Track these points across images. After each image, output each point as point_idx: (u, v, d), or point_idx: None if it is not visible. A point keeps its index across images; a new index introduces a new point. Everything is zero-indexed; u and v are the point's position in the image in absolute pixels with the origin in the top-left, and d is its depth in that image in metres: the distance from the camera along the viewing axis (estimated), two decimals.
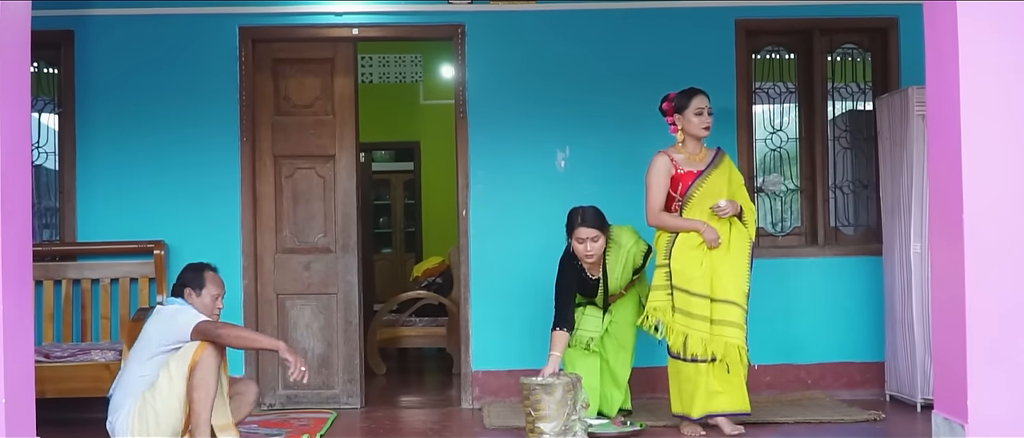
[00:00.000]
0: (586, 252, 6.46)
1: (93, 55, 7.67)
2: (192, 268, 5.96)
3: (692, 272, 6.30)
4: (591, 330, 6.70)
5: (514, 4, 7.77)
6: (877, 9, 7.86)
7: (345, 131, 7.79)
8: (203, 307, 5.81)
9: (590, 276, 6.62)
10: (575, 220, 6.51)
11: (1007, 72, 4.91)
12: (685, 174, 6.41)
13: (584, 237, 6.44)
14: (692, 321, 6.29)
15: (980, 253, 4.85)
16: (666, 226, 6.43)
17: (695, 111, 6.43)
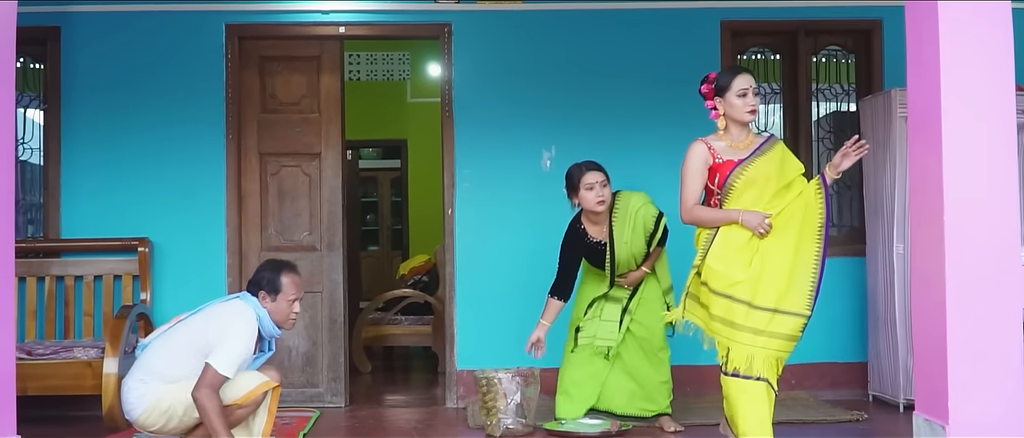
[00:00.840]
0: (598, 198, 6.33)
1: (79, 51, 7.66)
2: (271, 267, 5.61)
3: (737, 274, 5.28)
4: (607, 338, 6.52)
5: (501, 4, 7.78)
6: (861, 11, 7.90)
7: (331, 129, 7.80)
8: (278, 312, 5.51)
9: (595, 241, 6.48)
10: (578, 170, 6.40)
11: (988, 74, 4.94)
12: (725, 163, 5.46)
13: (593, 182, 6.33)
14: (735, 332, 5.27)
15: (961, 255, 4.87)
16: (701, 221, 5.49)
17: (738, 92, 5.49)
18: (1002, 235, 4.93)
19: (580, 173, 6.36)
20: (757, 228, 5.28)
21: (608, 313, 6.56)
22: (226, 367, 5.22)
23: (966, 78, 4.92)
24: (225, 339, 5.27)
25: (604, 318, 6.55)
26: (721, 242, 5.37)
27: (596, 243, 6.47)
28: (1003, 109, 4.97)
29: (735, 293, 5.25)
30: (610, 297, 6.59)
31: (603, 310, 6.58)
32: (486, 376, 6.41)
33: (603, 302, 6.60)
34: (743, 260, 5.31)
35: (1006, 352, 4.88)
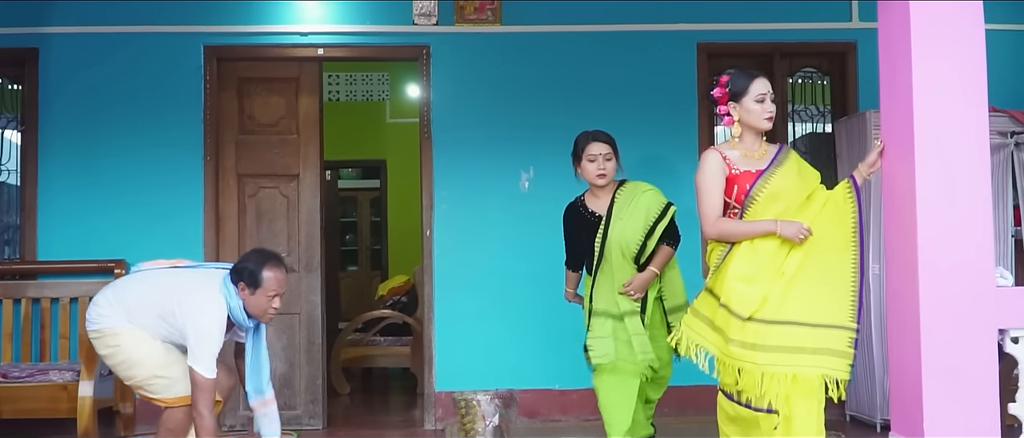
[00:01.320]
0: (598, 170, 6.00)
1: (58, 72, 7.66)
2: (255, 259, 5.52)
3: (763, 293, 4.88)
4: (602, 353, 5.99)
5: (479, 26, 7.81)
6: (836, 34, 7.97)
7: (309, 150, 7.80)
8: (255, 306, 5.43)
9: (591, 211, 6.12)
10: (585, 138, 6.07)
11: (961, 96, 4.97)
12: (743, 174, 5.08)
13: (596, 153, 6.01)
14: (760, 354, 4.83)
15: (935, 276, 4.88)
16: (731, 234, 5.04)
17: (756, 97, 5.11)
18: (976, 256, 4.94)
19: (585, 141, 6.05)
20: (796, 236, 4.89)
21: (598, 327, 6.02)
22: (208, 368, 5.26)
23: (939, 100, 4.95)
24: (196, 337, 5.30)
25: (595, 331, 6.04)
26: (742, 259, 4.97)
27: (591, 214, 6.10)
28: (976, 130, 4.99)
29: (765, 314, 4.85)
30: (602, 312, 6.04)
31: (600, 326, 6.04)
32: (464, 398, 6.40)
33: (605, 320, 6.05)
34: (768, 276, 4.92)
35: (981, 372, 4.89)
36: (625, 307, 5.99)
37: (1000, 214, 7.20)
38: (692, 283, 7.66)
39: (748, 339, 4.83)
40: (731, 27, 7.93)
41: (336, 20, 7.81)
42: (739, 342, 4.84)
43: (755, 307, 4.83)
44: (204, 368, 5.25)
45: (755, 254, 4.94)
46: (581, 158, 6.03)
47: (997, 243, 7.04)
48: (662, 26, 7.89)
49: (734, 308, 4.87)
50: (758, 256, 4.94)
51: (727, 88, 5.15)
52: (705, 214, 5.09)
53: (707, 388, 7.66)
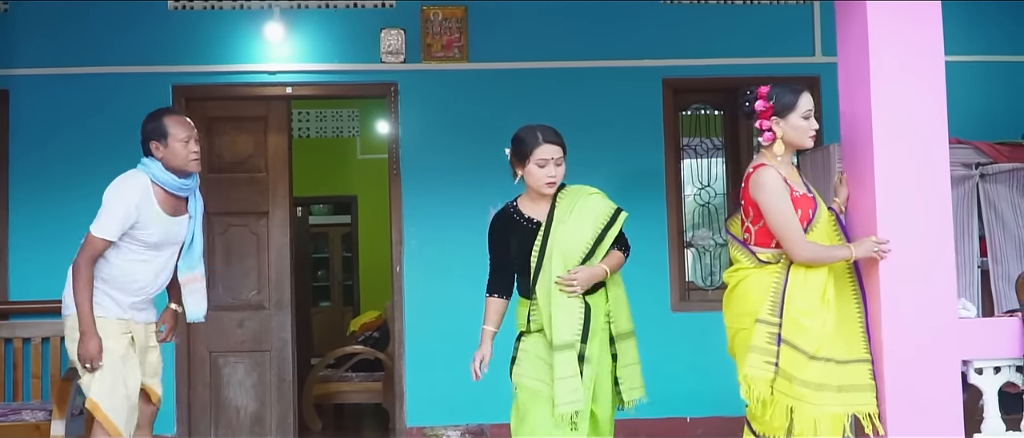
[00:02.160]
0: (548, 177, 4.95)
1: (27, 114, 7.69)
2: (149, 117, 5.28)
3: (825, 328, 4.66)
4: (571, 399, 4.82)
5: (446, 63, 7.87)
6: (800, 68, 8.05)
7: (278, 188, 7.84)
8: (175, 157, 5.15)
9: (527, 217, 5.07)
10: (533, 137, 5.01)
11: (920, 129, 5.02)
12: (802, 198, 4.78)
13: (547, 157, 4.95)
14: (819, 394, 4.60)
15: (896, 309, 4.93)
16: (821, 258, 4.69)
17: (803, 114, 4.81)
18: (938, 288, 4.99)
19: (535, 142, 4.99)
20: (877, 255, 4.73)
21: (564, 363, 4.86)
22: (100, 228, 5.08)
23: (898, 133, 4.98)
24: (103, 203, 5.11)
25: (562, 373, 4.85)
26: (801, 293, 4.65)
27: (528, 220, 5.08)
28: (936, 164, 5.04)
29: (825, 352, 4.62)
30: (534, 332, 5.08)
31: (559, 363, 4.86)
32: (435, 433, 6.43)
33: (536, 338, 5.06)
34: (823, 310, 4.68)
35: (945, 403, 4.93)
36: (559, 339, 4.86)
37: (966, 245, 7.27)
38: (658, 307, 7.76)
39: (812, 378, 4.59)
40: (696, 62, 8.02)
41: (304, 59, 7.86)
42: (802, 381, 4.58)
43: (819, 344, 4.62)
44: (99, 228, 5.07)
45: (808, 286, 4.68)
46: (527, 160, 4.96)
47: (963, 274, 7.11)
48: (628, 62, 7.98)
49: (801, 344, 4.60)
50: (811, 288, 4.68)
51: (771, 102, 4.83)
52: (795, 235, 4.64)
53: (676, 421, 7.76)
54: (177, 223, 5.30)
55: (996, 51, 8.25)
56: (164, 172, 5.20)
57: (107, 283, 5.21)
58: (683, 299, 8.00)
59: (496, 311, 5.17)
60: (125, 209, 5.08)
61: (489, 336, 5.15)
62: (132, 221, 5.10)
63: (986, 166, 7.31)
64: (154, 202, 5.17)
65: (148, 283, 5.31)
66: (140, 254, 5.22)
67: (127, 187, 5.13)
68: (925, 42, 5.06)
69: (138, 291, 5.29)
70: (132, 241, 5.17)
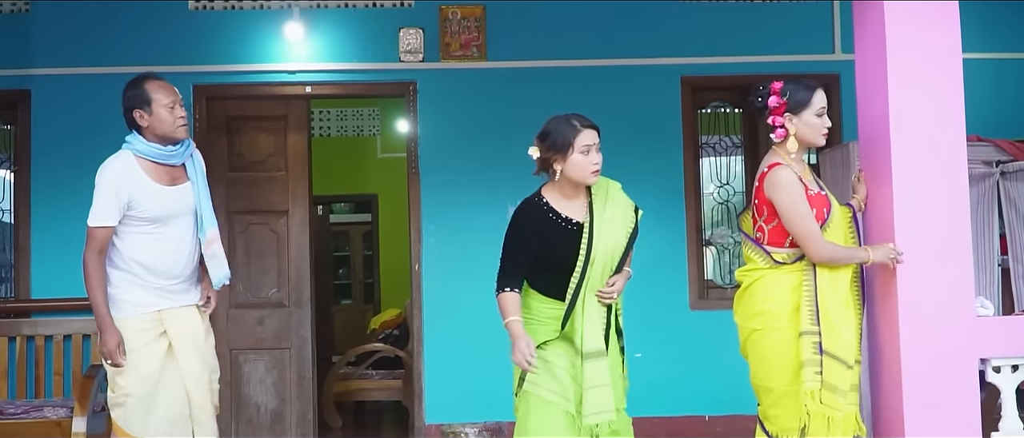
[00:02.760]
0: (594, 165, 4.63)
1: (49, 113, 7.74)
2: (130, 85, 5.09)
3: (842, 327, 4.66)
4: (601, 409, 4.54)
5: (465, 62, 7.89)
6: (819, 66, 8.04)
7: (298, 187, 7.87)
8: (161, 125, 4.97)
9: (565, 218, 4.70)
10: (570, 127, 4.68)
11: (938, 127, 5.01)
12: (817, 197, 4.74)
13: (590, 143, 4.64)
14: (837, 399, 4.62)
15: (914, 307, 4.92)
16: (839, 259, 4.67)
17: (817, 111, 4.77)
18: (956, 286, 4.99)
19: (575, 130, 4.65)
20: (892, 262, 4.74)
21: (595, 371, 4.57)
22: (94, 217, 4.94)
23: (916, 131, 4.98)
24: (95, 190, 4.97)
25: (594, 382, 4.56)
26: (831, 297, 4.64)
27: (566, 221, 4.69)
28: (953, 162, 5.04)
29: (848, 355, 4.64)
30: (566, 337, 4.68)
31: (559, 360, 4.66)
32: (452, 430, 6.45)
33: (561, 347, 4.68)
34: (851, 313, 4.72)
35: (963, 402, 4.92)
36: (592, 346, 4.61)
37: (986, 243, 7.24)
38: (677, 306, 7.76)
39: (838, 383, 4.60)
40: (715, 60, 8.02)
41: (323, 58, 7.89)
42: (843, 391, 4.61)
43: (855, 351, 4.64)
44: (92, 218, 4.93)
45: (837, 289, 4.66)
46: (569, 150, 4.63)
47: (983, 273, 7.09)
48: (646, 60, 7.98)
49: (841, 354, 4.61)
50: (839, 291, 4.67)
51: (785, 98, 4.77)
52: (815, 234, 4.59)
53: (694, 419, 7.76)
54: (179, 192, 5.07)
55: (1017, 48, 8.20)
56: (147, 144, 5.02)
57: (130, 272, 4.99)
58: (702, 297, 8.00)
59: (517, 302, 4.67)
60: (111, 190, 4.91)
61: (521, 325, 4.62)
62: (125, 200, 4.91)
63: (1007, 164, 7.28)
64: (144, 175, 4.98)
65: (171, 261, 5.03)
66: (148, 231, 4.98)
67: (108, 169, 4.98)
68: (942, 40, 5.05)
69: (164, 272, 5.01)
70: (134, 221, 4.96)
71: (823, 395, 4.57)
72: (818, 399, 4.56)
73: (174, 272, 5.06)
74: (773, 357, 4.68)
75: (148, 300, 5.01)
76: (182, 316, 5.09)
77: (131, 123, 5.05)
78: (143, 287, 5.00)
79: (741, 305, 4.86)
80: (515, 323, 4.59)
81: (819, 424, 4.57)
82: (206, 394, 5.10)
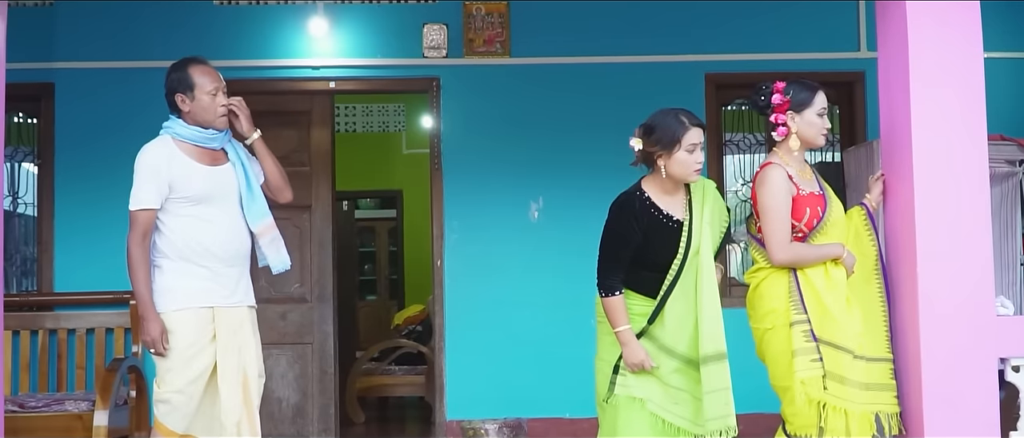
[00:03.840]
0: (698, 162, 4.59)
1: (73, 107, 7.78)
2: (175, 65, 5.06)
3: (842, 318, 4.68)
4: (723, 413, 4.58)
5: (488, 58, 7.89)
6: (844, 63, 8.02)
7: (321, 182, 7.89)
8: (204, 112, 4.95)
9: (667, 216, 4.64)
10: (679, 123, 4.60)
11: (960, 125, 4.99)
12: (809, 197, 4.79)
13: (696, 143, 4.57)
14: (848, 390, 4.63)
15: (935, 306, 4.90)
16: (805, 259, 4.70)
17: (818, 111, 4.82)
18: (976, 285, 4.96)
19: (683, 126, 4.58)
20: (851, 268, 4.79)
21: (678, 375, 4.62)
22: (136, 200, 4.85)
23: (938, 129, 4.96)
24: (134, 175, 4.90)
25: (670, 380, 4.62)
26: (827, 287, 4.69)
27: (668, 218, 4.64)
28: (976, 159, 5.01)
29: (852, 345, 4.67)
30: (668, 348, 4.63)
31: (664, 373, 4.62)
32: (472, 427, 6.46)
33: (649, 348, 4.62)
34: (842, 300, 4.73)
35: (982, 401, 4.90)
36: (713, 348, 4.57)
37: (1008, 242, 7.19)
38: None
39: (860, 378, 4.66)
40: (739, 57, 7.99)
41: (347, 54, 7.90)
42: (853, 382, 4.64)
43: (846, 337, 4.66)
44: (134, 201, 4.85)
45: (833, 283, 4.71)
46: (676, 147, 4.56)
47: (1005, 271, 7.04)
48: (670, 57, 7.96)
49: (848, 345, 4.65)
50: (835, 285, 4.71)
51: (788, 96, 4.81)
52: (779, 236, 4.65)
53: None
54: (221, 172, 5.01)
55: None
56: (187, 127, 4.98)
57: (183, 259, 4.88)
58: (725, 295, 7.93)
59: (625, 308, 4.61)
60: (150, 171, 4.85)
61: (630, 333, 4.57)
62: (167, 181, 4.85)
63: None
64: (184, 156, 4.93)
65: (219, 245, 4.92)
66: (194, 213, 4.90)
67: (147, 152, 4.92)
68: (964, 40, 5.02)
69: (216, 255, 4.91)
70: (178, 202, 4.88)
71: (828, 383, 4.59)
72: (820, 387, 4.59)
73: (225, 255, 4.95)
74: (785, 354, 4.69)
75: (201, 292, 4.90)
76: (232, 318, 4.97)
77: (172, 107, 5.02)
78: (195, 276, 4.89)
79: (752, 307, 4.88)
80: (628, 332, 4.56)
81: (836, 420, 4.58)
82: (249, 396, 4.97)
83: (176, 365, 4.83)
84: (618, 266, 4.61)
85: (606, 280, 4.61)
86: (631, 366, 4.51)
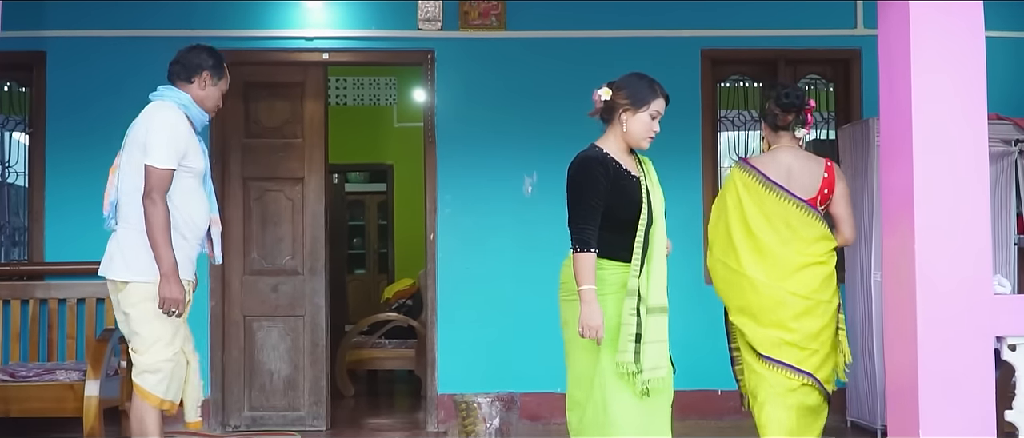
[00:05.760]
0: (654, 130, 4.75)
1: (65, 76, 7.73)
2: (212, 52, 5.28)
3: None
4: (658, 365, 4.65)
5: (483, 31, 7.85)
6: (840, 41, 8.00)
7: (314, 154, 7.85)
8: (209, 100, 5.18)
9: (626, 172, 4.71)
10: (651, 89, 4.81)
11: (960, 104, 4.98)
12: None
13: (657, 111, 4.77)
14: None
15: (932, 283, 4.90)
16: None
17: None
18: (974, 263, 4.96)
19: (654, 93, 4.78)
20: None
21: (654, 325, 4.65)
22: (162, 158, 4.86)
23: (938, 108, 4.95)
24: (151, 136, 4.90)
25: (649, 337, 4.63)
26: None
27: (627, 173, 4.72)
28: (975, 138, 5.00)
29: None
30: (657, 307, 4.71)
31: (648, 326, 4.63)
32: (465, 401, 6.44)
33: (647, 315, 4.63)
34: None
35: (978, 379, 4.90)
36: (663, 301, 4.73)
37: (1003, 222, 7.21)
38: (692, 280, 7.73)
39: None
40: (736, 33, 7.97)
41: (341, 25, 7.86)
42: None
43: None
44: (160, 158, 4.85)
45: None
46: (642, 108, 4.74)
47: (1000, 251, 7.06)
48: (667, 32, 7.93)
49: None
50: None
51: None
52: (852, 221, 5.76)
53: (707, 393, 7.75)
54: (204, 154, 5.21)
55: None
56: (193, 104, 5.12)
57: (179, 234, 4.97)
58: None
59: (592, 266, 4.53)
60: (174, 133, 4.92)
61: (592, 294, 4.50)
62: (182, 148, 4.94)
63: None
64: (190, 129, 5.07)
65: (201, 222, 5.12)
66: (192, 185, 5.03)
67: (170, 113, 4.98)
68: (966, 17, 5.01)
69: (194, 233, 5.08)
70: (185, 172, 4.98)
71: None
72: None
73: (200, 233, 5.14)
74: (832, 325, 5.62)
75: (187, 262, 5.04)
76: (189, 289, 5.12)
77: (185, 79, 5.12)
78: (181, 248, 4.97)
79: (826, 281, 5.60)
80: (592, 292, 4.49)
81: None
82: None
83: (167, 334, 4.93)
84: (591, 218, 4.56)
85: (580, 234, 4.54)
86: (586, 328, 4.46)
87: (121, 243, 5.01)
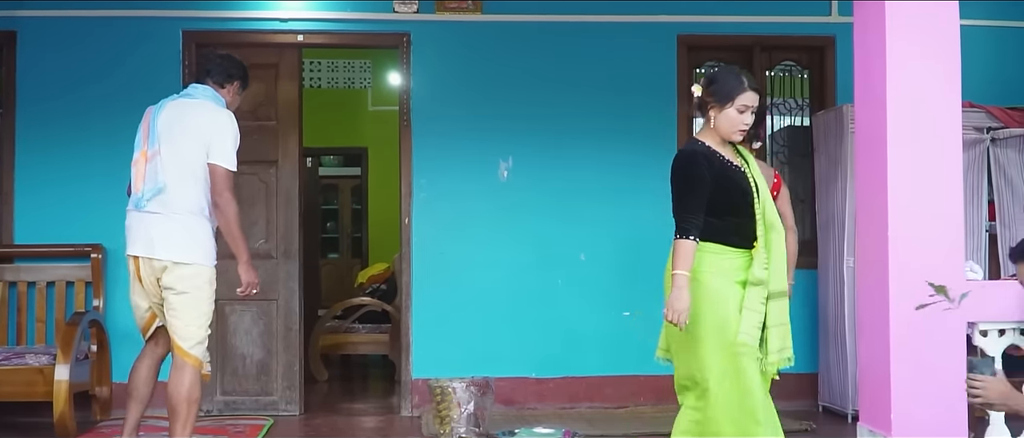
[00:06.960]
0: (745, 123, 4.70)
1: (36, 56, 7.64)
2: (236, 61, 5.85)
3: None
4: (782, 345, 4.73)
5: (460, 14, 7.82)
6: (815, 28, 8.02)
7: (289, 137, 7.80)
8: (235, 105, 5.78)
9: (729, 162, 4.75)
10: (738, 82, 4.70)
11: (934, 92, 5.02)
12: None
13: (748, 105, 4.68)
14: None
15: (905, 269, 4.94)
16: None
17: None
18: (946, 250, 5.00)
19: (741, 86, 4.68)
20: None
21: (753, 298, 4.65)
22: (233, 161, 5.47)
23: (912, 95, 5.00)
24: (222, 135, 5.44)
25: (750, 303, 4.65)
26: None
27: (730, 163, 4.75)
28: (948, 126, 5.05)
29: None
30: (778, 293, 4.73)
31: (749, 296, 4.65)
32: (440, 385, 6.43)
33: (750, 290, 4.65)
34: None
35: (949, 364, 4.95)
36: (783, 285, 4.76)
37: (974, 209, 7.26)
38: None
39: None
40: (712, 19, 7.96)
41: (316, 6, 7.81)
42: None
43: None
44: (232, 161, 5.46)
45: None
46: (729, 103, 4.69)
47: (971, 238, 7.10)
48: (643, 17, 7.91)
49: None
50: None
51: None
52: None
53: None
54: None
55: (1011, 16, 8.16)
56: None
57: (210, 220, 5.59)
58: None
59: (691, 254, 4.57)
60: (237, 137, 5.54)
61: (684, 279, 4.53)
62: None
63: (997, 130, 7.31)
64: None
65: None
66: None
67: (232, 118, 5.54)
68: (941, 6, 5.05)
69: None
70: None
71: None
72: None
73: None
74: None
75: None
76: None
77: (218, 83, 5.66)
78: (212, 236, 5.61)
79: None
80: (685, 278, 4.53)
81: None
82: None
83: (211, 313, 5.60)
84: (696, 207, 4.61)
85: (684, 222, 4.60)
86: (672, 311, 4.50)
87: (171, 227, 5.42)
